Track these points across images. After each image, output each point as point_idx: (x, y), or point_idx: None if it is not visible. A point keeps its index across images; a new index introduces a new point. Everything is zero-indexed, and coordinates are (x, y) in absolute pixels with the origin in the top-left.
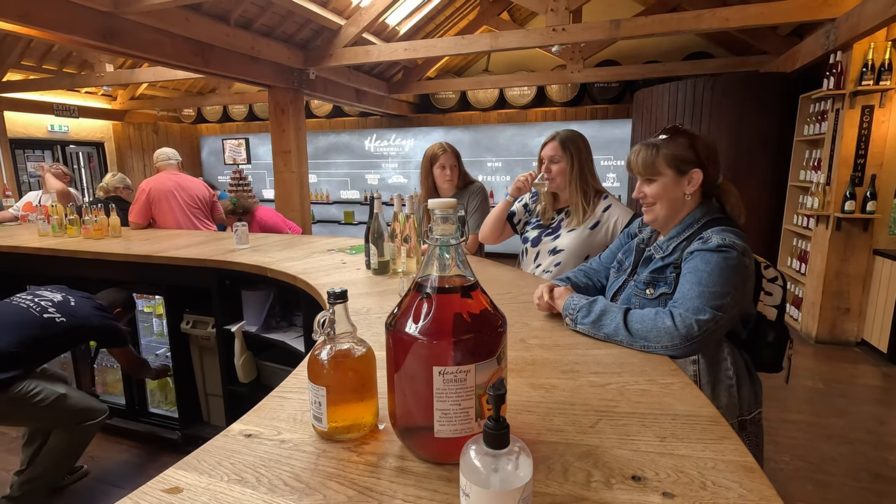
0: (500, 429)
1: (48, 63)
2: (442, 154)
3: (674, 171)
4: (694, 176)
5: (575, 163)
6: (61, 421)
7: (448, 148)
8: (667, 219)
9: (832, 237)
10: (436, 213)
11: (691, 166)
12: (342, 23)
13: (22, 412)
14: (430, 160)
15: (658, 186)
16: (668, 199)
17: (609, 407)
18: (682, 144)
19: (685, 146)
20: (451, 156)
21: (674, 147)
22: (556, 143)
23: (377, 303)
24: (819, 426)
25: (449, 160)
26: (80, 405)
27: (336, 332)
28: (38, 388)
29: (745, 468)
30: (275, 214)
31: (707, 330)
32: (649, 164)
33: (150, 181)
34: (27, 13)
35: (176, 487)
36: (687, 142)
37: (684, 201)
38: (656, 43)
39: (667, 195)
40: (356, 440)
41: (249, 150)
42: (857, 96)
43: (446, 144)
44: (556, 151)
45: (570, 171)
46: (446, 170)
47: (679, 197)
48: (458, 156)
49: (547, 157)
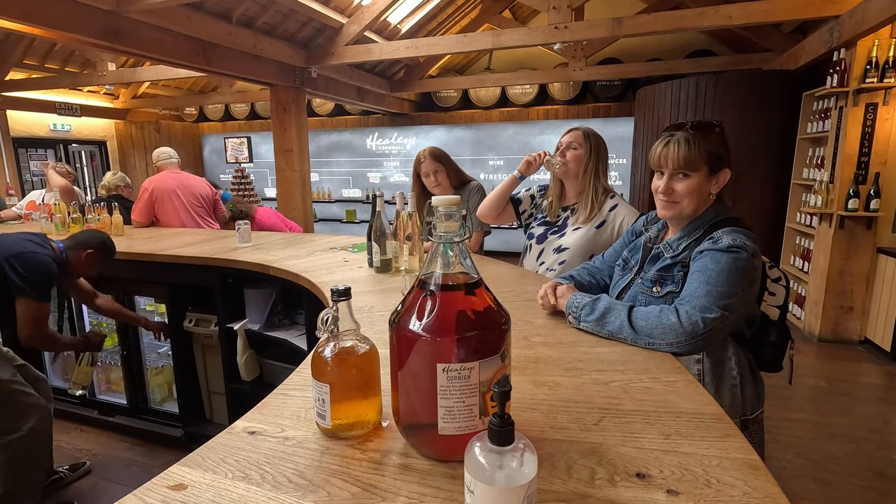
0: (504, 426)
1: (51, 62)
2: (423, 161)
3: (708, 167)
4: (722, 175)
5: (592, 155)
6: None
7: (428, 155)
8: (688, 217)
9: (835, 235)
10: (439, 211)
11: (723, 164)
12: (344, 21)
13: None
14: (416, 172)
15: (692, 183)
16: (697, 197)
17: (613, 404)
18: (717, 141)
19: (720, 143)
20: (431, 162)
21: (711, 143)
22: (578, 132)
23: (380, 300)
24: (822, 425)
25: (430, 166)
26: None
27: (340, 330)
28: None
29: (749, 466)
30: (275, 215)
31: (713, 328)
32: (691, 158)
33: (152, 180)
34: (30, 11)
35: (180, 484)
36: (721, 139)
37: (709, 200)
38: (659, 41)
39: (698, 192)
40: (360, 437)
41: (251, 148)
42: (861, 94)
43: (427, 151)
44: (578, 139)
45: (587, 163)
46: (430, 177)
47: (706, 195)
48: (441, 158)
49: (566, 142)
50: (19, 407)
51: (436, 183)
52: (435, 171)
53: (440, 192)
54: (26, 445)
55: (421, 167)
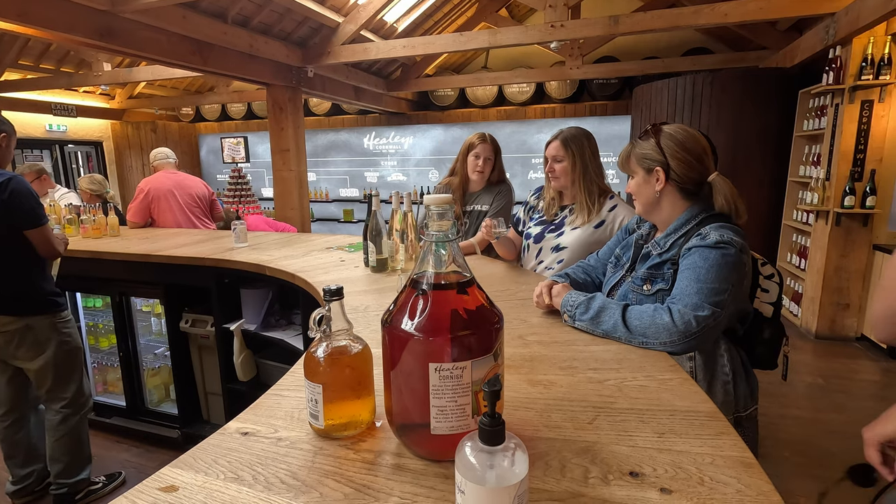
0: (495, 425)
1: (46, 62)
2: (480, 143)
3: (643, 169)
4: (658, 174)
5: (578, 162)
6: (69, 375)
7: (488, 139)
8: (646, 214)
9: (832, 232)
10: (431, 209)
11: (655, 164)
12: (340, 20)
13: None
14: (469, 147)
15: (633, 183)
16: (642, 196)
17: (607, 403)
18: (649, 144)
19: (652, 145)
20: (489, 147)
21: (642, 146)
22: (558, 143)
23: (376, 300)
24: (819, 422)
25: (486, 151)
26: (82, 372)
27: (332, 330)
28: (71, 327)
29: (743, 463)
30: (264, 222)
31: (706, 326)
32: (623, 162)
33: (148, 180)
34: (25, 12)
35: (172, 486)
36: (654, 141)
37: (656, 199)
38: (655, 39)
39: (641, 192)
40: (353, 437)
41: (248, 148)
42: (857, 91)
43: (489, 135)
44: (559, 151)
45: (573, 171)
46: (479, 160)
47: (651, 194)
48: (497, 150)
49: (550, 156)
50: (87, 382)
51: (480, 168)
52: (487, 158)
53: (479, 179)
54: (85, 417)
55: (476, 147)
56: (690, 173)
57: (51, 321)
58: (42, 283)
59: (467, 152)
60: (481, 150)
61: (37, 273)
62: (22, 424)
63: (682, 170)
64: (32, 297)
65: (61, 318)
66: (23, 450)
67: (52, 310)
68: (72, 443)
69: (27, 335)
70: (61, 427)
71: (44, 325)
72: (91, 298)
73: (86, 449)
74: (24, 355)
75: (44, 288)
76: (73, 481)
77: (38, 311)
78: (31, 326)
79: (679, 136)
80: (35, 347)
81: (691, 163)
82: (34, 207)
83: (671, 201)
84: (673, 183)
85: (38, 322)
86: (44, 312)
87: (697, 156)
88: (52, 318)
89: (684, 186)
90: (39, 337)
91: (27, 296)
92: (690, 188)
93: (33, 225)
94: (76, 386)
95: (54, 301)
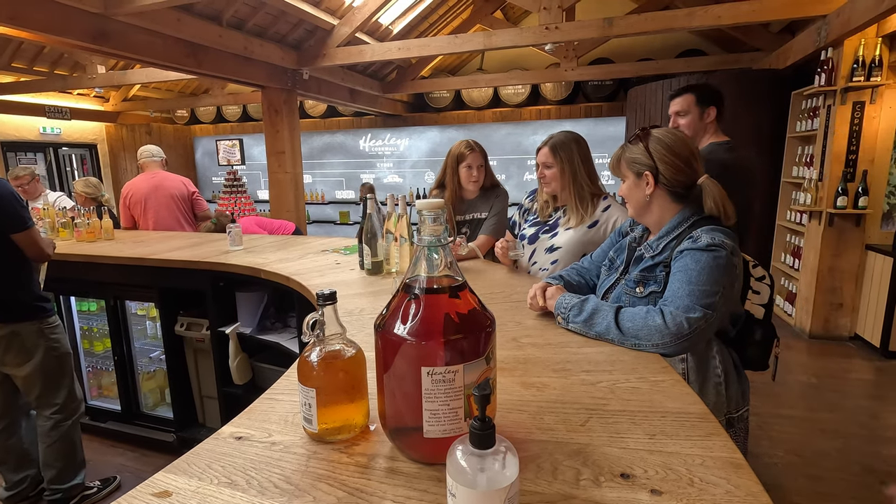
0: (485, 429)
1: (39, 65)
2: (469, 154)
3: (633, 173)
4: (647, 178)
5: (567, 168)
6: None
7: (476, 147)
8: (638, 217)
9: (825, 233)
10: (424, 214)
11: (645, 168)
12: (335, 22)
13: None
14: (457, 159)
15: (624, 187)
16: (633, 199)
17: (600, 405)
18: (638, 148)
19: (641, 150)
20: (479, 156)
21: (631, 150)
22: (546, 150)
23: (371, 303)
24: (812, 421)
25: (476, 160)
26: (72, 377)
27: (326, 334)
28: (59, 333)
29: (732, 465)
30: (255, 223)
31: (697, 328)
32: (614, 166)
33: (128, 185)
34: (17, 15)
35: (165, 491)
36: (643, 145)
37: (647, 202)
38: (649, 41)
39: (631, 196)
40: (347, 441)
41: (244, 150)
42: (849, 92)
43: (474, 143)
44: (548, 158)
45: (563, 177)
46: (473, 170)
47: (641, 197)
48: (485, 155)
49: (540, 162)
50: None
51: (475, 178)
52: (479, 166)
53: (474, 188)
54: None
55: (467, 158)
56: (679, 177)
57: (38, 327)
58: (29, 288)
59: (456, 164)
60: (472, 160)
61: (24, 279)
62: (13, 430)
63: (670, 173)
64: (19, 303)
65: (48, 323)
66: (15, 455)
67: (39, 316)
68: (64, 448)
69: (13, 342)
70: (53, 433)
71: (31, 331)
72: (85, 302)
73: (79, 454)
74: (12, 362)
75: (30, 294)
76: (66, 486)
77: (25, 317)
78: (17, 333)
79: (667, 140)
80: (22, 354)
81: (679, 166)
82: (18, 211)
83: (661, 204)
84: (662, 186)
85: (25, 329)
86: (30, 319)
87: (685, 159)
88: (39, 324)
89: (674, 190)
90: (26, 343)
91: (14, 302)
92: (680, 191)
93: (19, 228)
94: (66, 391)
95: (41, 307)
